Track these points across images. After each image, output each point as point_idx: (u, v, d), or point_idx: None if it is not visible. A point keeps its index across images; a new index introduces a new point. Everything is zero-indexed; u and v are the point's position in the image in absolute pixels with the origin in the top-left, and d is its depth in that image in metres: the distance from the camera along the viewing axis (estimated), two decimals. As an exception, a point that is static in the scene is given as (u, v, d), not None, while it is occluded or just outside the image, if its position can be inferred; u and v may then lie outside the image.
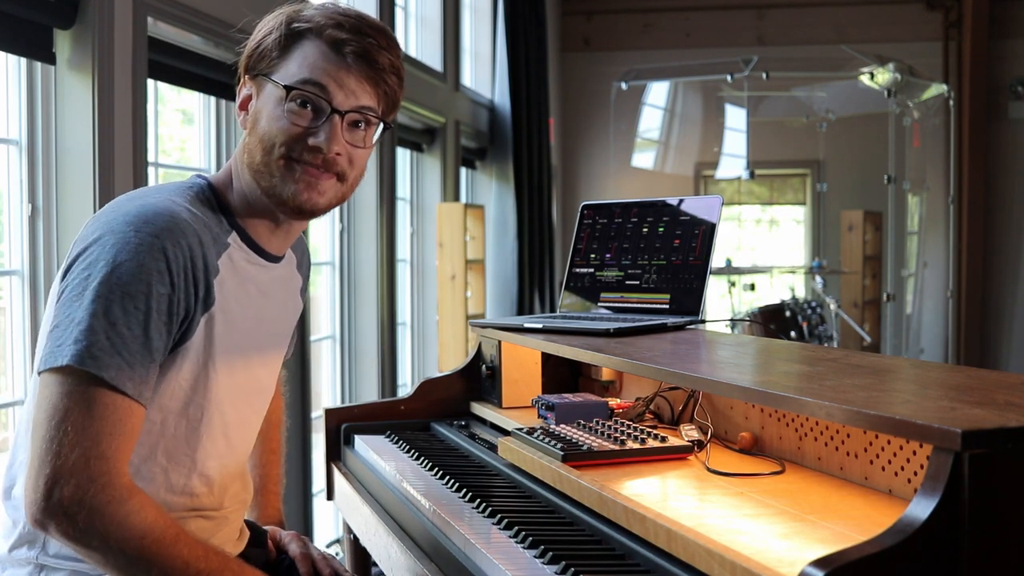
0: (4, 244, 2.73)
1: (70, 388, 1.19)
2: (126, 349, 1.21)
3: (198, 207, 1.37)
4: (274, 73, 1.37)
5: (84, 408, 1.18)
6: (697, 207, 2.04)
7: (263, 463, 1.79)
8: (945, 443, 0.95)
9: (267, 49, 1.38)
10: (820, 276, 6.63)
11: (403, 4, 5.54)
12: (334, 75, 1.36)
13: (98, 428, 1.18)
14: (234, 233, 1.40)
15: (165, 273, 1.24)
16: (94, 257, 1.24)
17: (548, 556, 1.26)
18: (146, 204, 1.29)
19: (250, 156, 1.39)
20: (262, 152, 1.37)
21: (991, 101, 8.04)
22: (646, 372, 1.51)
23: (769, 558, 1.04)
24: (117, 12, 2.71)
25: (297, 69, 1.36)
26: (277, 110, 1.36)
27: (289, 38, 1.37)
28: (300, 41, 1.37)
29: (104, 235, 1.26)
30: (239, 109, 1.42)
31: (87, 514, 1.16)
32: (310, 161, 1.36)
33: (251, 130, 1.39)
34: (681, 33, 8.43)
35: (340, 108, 1.36)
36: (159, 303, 1.24)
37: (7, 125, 2.63)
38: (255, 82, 1.40)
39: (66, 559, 1.33)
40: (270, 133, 1.36)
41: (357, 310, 4.79)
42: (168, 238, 1.25)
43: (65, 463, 1.16)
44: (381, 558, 1.68)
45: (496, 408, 2.11)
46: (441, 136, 5.77)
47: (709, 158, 8.10)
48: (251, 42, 1.41)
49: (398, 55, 1.42)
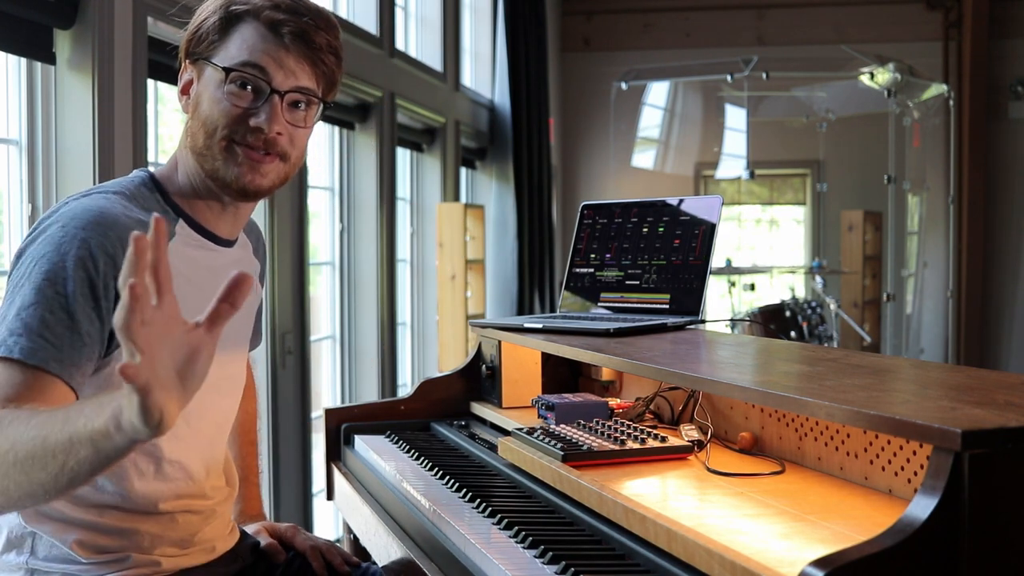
0: (4, 244, 2.73)
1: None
2: (48, 331, 1.21)
3: (138, 200, 1.38)
4: (213, 56, 1.39)
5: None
6: (697, 207, 2.04)
7: (242, 455, 1.79)
8: (945, 443, 0.95)
9: (206, 32, 1.39)
10: (820, 276, 6.63)
11: (403, 4, 5.54)
12: (273, 55, 1.37)
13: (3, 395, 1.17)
14: (180, 220, 1.42)
15: (87, 259, 1.25)
16: (30, 253, 1.28)
17: (548, 556, 1.26)
18: (78, 204, 1.32)
19: (193, 139, 1.41)
20: (204, 135, 1.39)
21: (991, 101, 8.04)
22: (646, 372, 1.51)
23: (769, 558, 1.04)
24: (117, 12, 2.71)
25: (236, 51, 1.37)
26: (217, 93, 1.38)
27: (227, 21, 1.39)
28: (238, 24, 1.38)
29: (37, 237, 1.29)
30: (181, 93, 1.43)
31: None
32: (251, 143, 1.38)
33: (193, 114, 1.41)
34: (681, 33, 8.43)
35: (280, 88, 1.38)
36: (81, 287, 1.25)
37: (7, 125, 2.63)
38: (195, 66, 1.41)
39: (56, 562, 1.33)
40: (211, 116, 1.38)
41: (357, 310, 4.79)
42: (94, 230, 1.27)
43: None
44: (381, 558, 1.68)
45: (496, 408, 2.11)
46: (441, 136, 5.77)
47: (709, 158, 8.09)
48: (191, 26, 1.42)
49: (336, 35, 1.43)
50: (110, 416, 1.00)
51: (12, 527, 1.34)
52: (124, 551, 1.36)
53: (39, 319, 1.21)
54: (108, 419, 1.00)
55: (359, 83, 4.49)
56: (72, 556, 1.33)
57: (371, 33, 4.75)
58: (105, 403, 1.02)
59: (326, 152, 4.71)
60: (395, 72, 4.97)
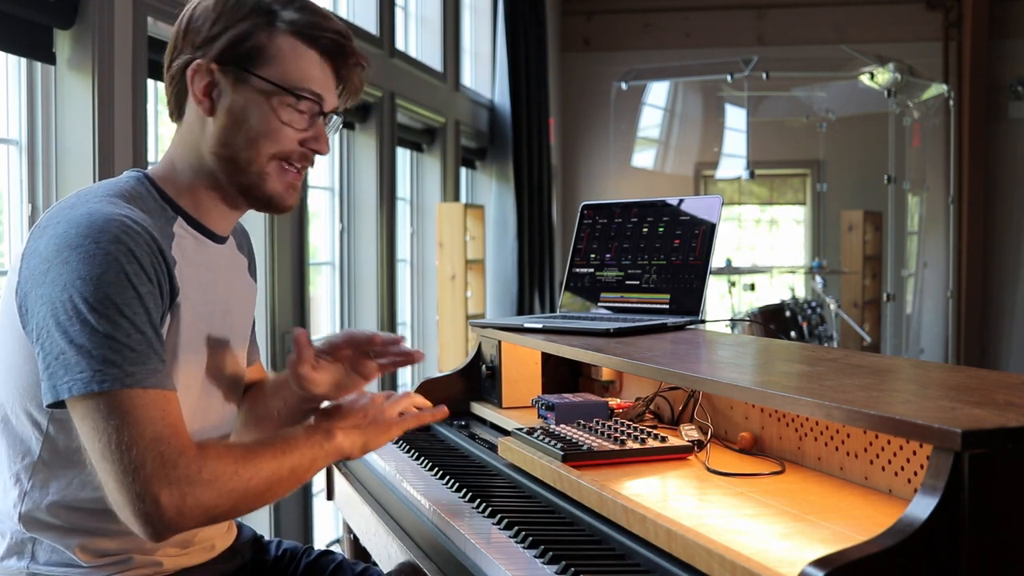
0: (4, 244, 2.73)
1: (107, 411, 1.19)
2: (151, 350, 1.22)
3: (138, 201, 1.36)
4: (258, 68, 1.36)
5: (137, 420, 1.19)
6: (697, 207, 2.04)
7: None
8: (945, 443, 0.95)
9: (243, 40, 1.36)
10: (820, 276, 6.63)
11: (403, 4, 5.54)
12: (323, 79, 1.39)
13: (149, 427, 1.20)
14: (179, 219, 1.40)
15: (141, 273, 1.24)
16: (66, 277, 1.22)
17: (548, 556, 1.26)
18: (93, 212, 1.27)
19: (226, 148, 1.37)
20: (247, 148, 1.37)
21: (991, 101, 8.04)
22: (646, 372, 1.51)
23: (769, 558, 1.04)
24: (117, 12, 2.71)
25: (294, 72, 1.36)
26: (266, 108, 1.36)
27: (254, 29, 1.36)
28: (271, 32, 1.36)
29: (62, 251, 1.24)
30: (202, 96, 1.37)
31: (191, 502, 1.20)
32: (301, 166, 1.41)
33: (228, 123, 1.37)
34: (681, 33, 8.43)
35: (326, 110, 1.41)
36: (150, 300, 1.25)
37: (7, 125, 2.63)
38: (227, 73, 1.36)
39: (57, 566, 1.33)
40: (262, 132, 1.36)
41: (357, 310, 4.79)
42: (129, 240, 1.25)
43: (147, 475, 1.18)
44: (381, 558, 1.68)
45: (496, 408, 2.11)
46: (441, 136, 5.77)
47: (709, 158, 8.10)
48: (211, 26, 1.37)
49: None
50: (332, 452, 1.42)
51: (13, 533, 1.34)
52: (126, 553, 1.36)
53: (140, 342, 1.22)
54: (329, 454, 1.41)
55: (359, 83, 4.48)
56: (73, 560, 1.33)
57: (371, 33, 4.75)
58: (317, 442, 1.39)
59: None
60: (395, 72, 4.98)
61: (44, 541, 1.33)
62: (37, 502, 1.32)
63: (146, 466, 1.18)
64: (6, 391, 1.32)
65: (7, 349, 1.30)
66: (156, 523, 1.19)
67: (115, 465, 1.19)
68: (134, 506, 1.19)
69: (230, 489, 1.24)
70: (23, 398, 1.30)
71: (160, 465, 1.18)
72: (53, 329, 1.21)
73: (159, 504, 1.18)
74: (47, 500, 1.31)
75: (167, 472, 1.19)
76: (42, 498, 1.31)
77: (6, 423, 1.34)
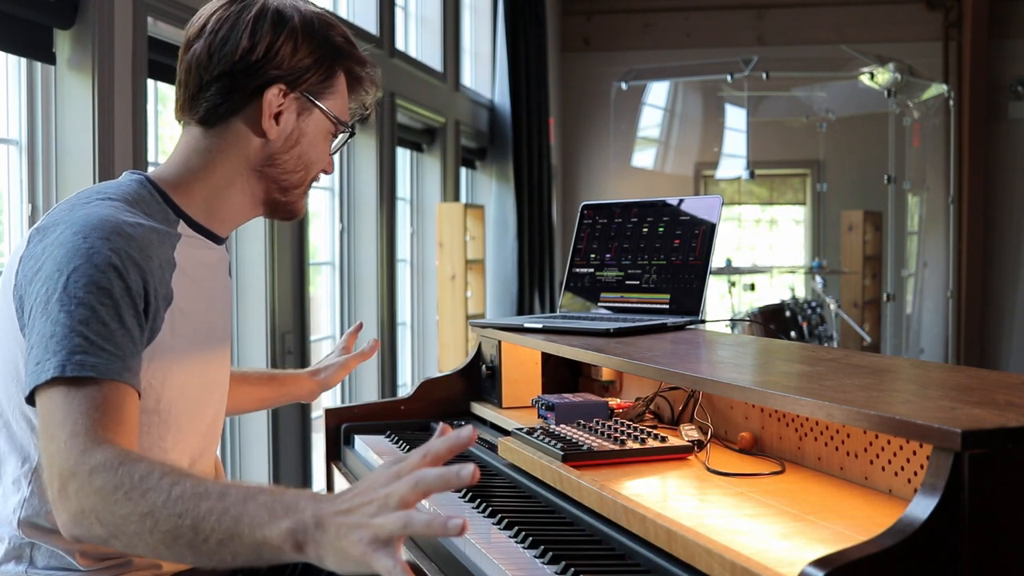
0: (4, 244, 2.73)
1: (64, 398, 1.16)
2: (108, 342, 1.20)
3: (141, 205, 1.36)
4: (320, 99, 1.45)
5: (79, 408, 1.15)
6: (697, 207, 2.04)
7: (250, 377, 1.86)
8: (945, 443, 0.95)
9: (308, 68, 1.43)
10: (820, 276, 6.63)
11: (403, 4, 5.54)
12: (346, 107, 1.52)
13: (93, 417, 1.15)
14: (181, 222, 1.41)
15: (120, 268, 1.24)
16: (49, 270, 1.23)
17: (548, 556, 1.26)
18: (90, 213, 1.28)
19: (280, 170, 1.45)
20: (297, 171, 1.46)
21: (991, 101, 8.04)
22: (646, 372, 1.51)
23: (769, 558, 1.04)
24: (117, 12, 2.71)
25: (342, 106, 1.49)
26: (321, 139, 1.48)
27: (331, 65, 1.46)
28: (338, 70, 1.47)
29: (54, 249, 1.25)
30: (271, 119, 1.40)
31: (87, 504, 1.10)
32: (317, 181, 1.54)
33: (285, 146, 1.44)
34: (681, 33, 8.43)
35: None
36: (123, 296, 1.24)
37: (7, 125, 2.63)
38: (296, 99, 1.43)
39: (56, 570, 1.33)
40: (312, 160, 1.48)
41: (357, 310, 4.79)
42: (116, 240, 1.25)
43: (66, 462, 1.12)
44: (381, 558, 1.68)
45: (496, 408, 2.11)
46: (441, 136, 5.77)
47: (709, 158, 8.10)
48: (294, 54, 1.41)
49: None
50: (287, 534, 0.99)
51: (11, 537, 1.34)
52: (126, 556, 1.36)
53: (98, 332, 1.19)
54: (284, 536, 0.99)
55: (359, 83, 4.48)
56: (72, 564, 1.33)
57: (371, 33, 4.75)
58: (277, 510, 1.00)
59: (326, 152, 4.71)
60: (395, 72, 4.98)
61: (43, 546, 1.33)
62: (37, 508, 1.31)
63: (64, 459, 1.12)
64: (6, 395, 1.32)
65: (5, 353, 1.30)
66: (61, 517, 1.12)
67: (47, 452, 1.14)
68: (53, 497, 1.13)
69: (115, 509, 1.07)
70: (22, 403, 1.30)
71: (71, 462, 1.11)
72: (35, 324, 1.21)
73: (65, 502, 1.11)
74: (47, 506, 1.31)
75: (73, 469, 1.11)
76: (42, 504, 1.31)
77: (6, 428, 1.33)
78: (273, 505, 1.01)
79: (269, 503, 1.02)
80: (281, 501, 1.02)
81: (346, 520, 0.98)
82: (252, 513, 1.01)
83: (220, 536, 1.02)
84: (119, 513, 1.06)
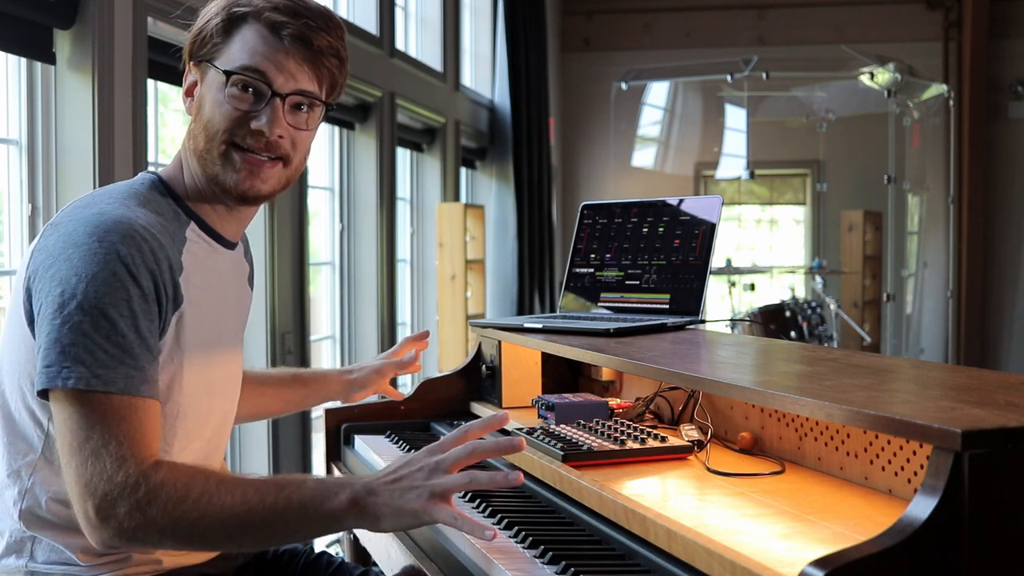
0: (4, 244, 2.73)
1: (87, 411, 1.20)
2: (128, 355, 1.22)
3: (152, 205, 1.37)
4: (216, 59, 1.38)
5: (106, 426, 1.20)
6: (697, 207, 2.04)
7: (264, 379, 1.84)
8: (945, 443, 0.95)
9: (209, 34, 1.39)
10: (820, 276, 6.63)
11: (403, 4, 5.54)
12: (272, 59, 1.36)
13: (126, 437, 1.20)
14: (192, 223, 1.41)
15: (136, 276, 1.25)
16: (64, 273, 1.24)
17: (548, 556, 1.26)
18: (103, 212, 1.29)
19: (195, 142, 1.40)
20: (205, 139, 1.38)
21: (991, 101, 8.04)
22: (646, 372, 1.51)
23: (769, 558, 1.04)
24: (117, 12, 2.71)
25: (238, 54, 1.36)
26: (219, 96, 1.36)
27: (230, 22, 1.38)
28: (240, 25, 1.37)
29: (67, 248, 1.26)
30: (185, 95, 1.42)
31: (145, 520, 1.19)
32: (252, 146, 1.37)
33: (196, 116, 1.40)
34: (681, 33, 8.43)
35: (280, 91, 1.37)
36: (140, 304, 1.25)
37: (7, 125, 2.63)
38: (199, 68, 1.40)
39: (56, 564, 1.33)
40: (213, 119, 1.37)
41: (357, 310, 4.79)
42: (130, 244, 1.26)
43: (109, 484, 1.18)
44: (381, 558, 1.68)
45: (496, 408, 2.11)
46: (441, 136, 5.77)
47: (709, 158, 8.09)
48: (194, 27, 1.41)
49: (339, 36, 1.42)
50: (348, 503, 1.19)
51: (12, 531, 1.34)
52: (125, 551, 1.36)
53: (118, 344, 1.22)
54: (346, 505, 1.19)
55: (359, 83, 4.49)
56: (72, 559, 1.33)
57: (371, 33, 4.75)
58: (332, 488, 1.20)
59: (326, 152, 4.71)
60: (395, 72, 4.98)
61: (43, 539, 1.33)
62: (37, 499, 1.32)
63: (103, 480, 1.19)
64: (11, 385, 1.33)
65: (14, 344, 1.31)
66: (102, 534, 1.20)
67: (76, 469, 1.20)
68: (85, 514, 1.20)
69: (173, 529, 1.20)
70: (26, 394, 1.31)
71: (116, 484, 1.18)
72: (46, 322, 1.23)
73: (107, 520, 1.19)
74: (47, 497, 1.31)
75: (121, 491, 1.18)
76: (42, 495, 1.31)
77: (9, 418, 1.34)
78: (326, 484, 1.20)
79: (320, 486, 1.20)
80: (330, 481, 1.21)
81: (398, 485, 1.19)
82: (311, 495, 1.19)
83: (290, 519, 1.19)
84: (186, 520, 1.19)
